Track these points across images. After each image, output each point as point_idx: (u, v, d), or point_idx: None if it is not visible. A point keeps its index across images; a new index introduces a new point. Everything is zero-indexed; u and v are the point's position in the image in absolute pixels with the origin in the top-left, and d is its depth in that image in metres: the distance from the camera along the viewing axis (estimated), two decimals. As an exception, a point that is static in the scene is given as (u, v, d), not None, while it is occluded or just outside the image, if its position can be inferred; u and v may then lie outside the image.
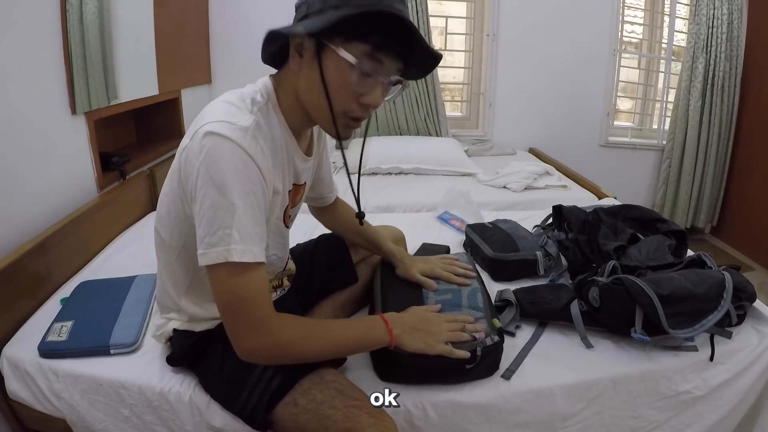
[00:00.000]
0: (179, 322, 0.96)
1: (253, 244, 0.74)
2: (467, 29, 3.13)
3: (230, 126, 0.74)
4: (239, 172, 0.73)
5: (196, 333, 0.95)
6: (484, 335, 0.96)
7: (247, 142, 0.74)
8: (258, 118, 0.79)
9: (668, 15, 3.09)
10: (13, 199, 1.31)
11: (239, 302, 0.74)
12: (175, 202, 0.83)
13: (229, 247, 0.72)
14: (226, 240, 0.72)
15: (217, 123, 0.74)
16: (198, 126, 0.75)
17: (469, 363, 0.93)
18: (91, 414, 1.02)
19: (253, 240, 0.75)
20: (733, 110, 3.04)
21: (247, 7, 2.79)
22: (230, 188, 0.72)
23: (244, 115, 0.77)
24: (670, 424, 1.08)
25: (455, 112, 3.34)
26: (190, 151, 0.75)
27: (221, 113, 0.76)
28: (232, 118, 0.75)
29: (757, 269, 2.84)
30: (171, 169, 0.84)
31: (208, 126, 0.73)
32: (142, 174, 1.95)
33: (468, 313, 1.02)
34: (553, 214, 1.55)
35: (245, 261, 0.73)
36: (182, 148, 0.79)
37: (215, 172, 0.72)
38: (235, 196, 0.73)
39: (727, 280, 1.08)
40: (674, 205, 3.24)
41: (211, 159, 0.72)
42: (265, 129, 0.80)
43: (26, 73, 1.35)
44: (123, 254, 1.55)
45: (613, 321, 1.10)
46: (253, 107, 0.80)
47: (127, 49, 1.84)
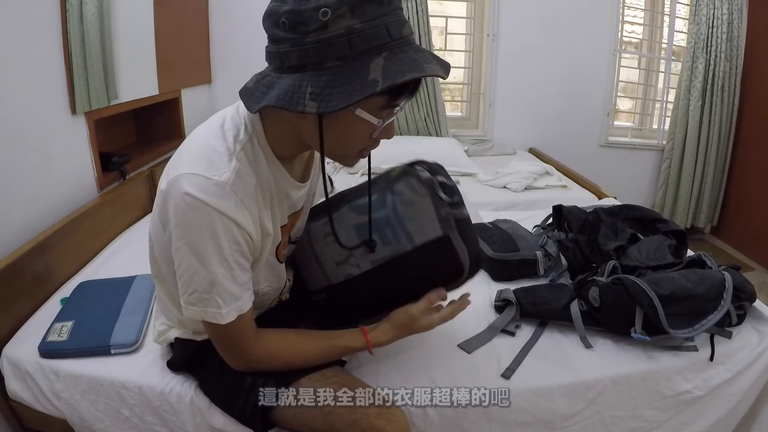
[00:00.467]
0: (180, 330, 0.96)
1: (236, 300, 0.76)
2: (467, 29, 3.13)
3: (206, 183, 0.69)
4: (218, 239, 0.71)
5: (197, 342, 0.95)
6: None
7: (225, 201, 0.70)
8: (240, 161, 0.73)
9: (668, 15, 3.09)
10: (14, 198, 1.31)
11: (224, 340, 0.82)
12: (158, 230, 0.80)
13: (209, 309, 0.75)
14: (203, 302, 0.75)
15: (194, 177, 0.70)
16: (175, 172, 0.72)
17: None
18: (91, 414, 1.02)
19: (236, 296, 0.76)
20: (733, 110, 3.04)
21: (247, 7, 2.78)
22: (208, 258, 0.71)
23: (223, 163, 0.72)
24: (670, 424, 1.08)
25: (455, 112, 3.34)
26: (167, 202, 0.72)
27: (199, 162, 0.71)
28: (210, 170, 0.71)
29: (757, 269, 2.84)
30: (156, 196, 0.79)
31: (184, 181, 0.70)
32: (142, 174, 1.94)
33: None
34: (553, 214, 1.55)
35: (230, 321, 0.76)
36: (159, 190, 0.75)
37: (191, 240, 0.71)
38: (214, 265, 0.72)
39: (727, 280, 1.08)
40: (674, 205, 3.24)
41: (188, 226, 0.70)
42: (248, 173, 0.75)
43: (26, 73, 1.35)
44: (123, 254, 1.55)
45: (613, 321, 1.10)
46: (236, 146, 0.74)
47: (127, 49, 1.84)
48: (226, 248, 0.72)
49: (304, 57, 0.64)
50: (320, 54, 0.63)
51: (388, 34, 0.64)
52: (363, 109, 0.67)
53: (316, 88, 0.63)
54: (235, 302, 0.76)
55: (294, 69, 0.66)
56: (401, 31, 0.65)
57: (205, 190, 0.69)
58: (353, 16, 0.62)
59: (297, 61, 0.65)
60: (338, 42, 0.62)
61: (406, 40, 0.66)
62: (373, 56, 0.63)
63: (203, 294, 0.74)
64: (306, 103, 0.63)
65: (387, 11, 0.64)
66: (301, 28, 0.63)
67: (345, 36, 0.62)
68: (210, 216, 0.70)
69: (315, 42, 0.63)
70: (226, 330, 0.78)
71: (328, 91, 0.63)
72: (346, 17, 0.62)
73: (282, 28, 0.65)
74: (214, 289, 0.73)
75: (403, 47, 0.66)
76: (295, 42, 0.64)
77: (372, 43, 0.63)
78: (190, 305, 0.76)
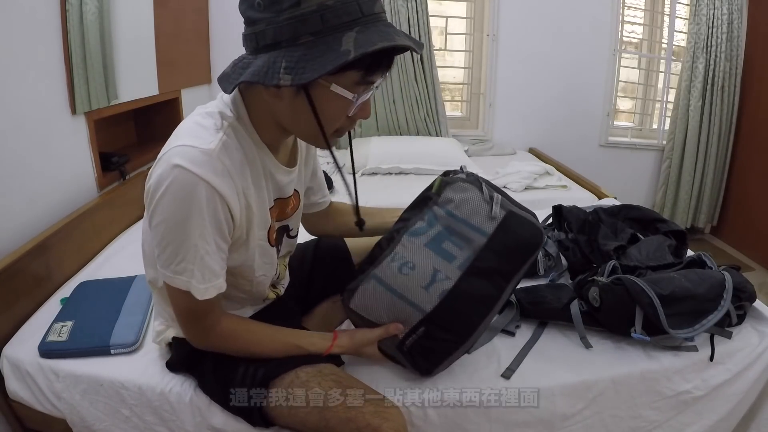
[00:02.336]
0: (178, 330, 0.96)
1: (216, 278, 0.77)
2: (467, 29, 3.13)
3: (193, 151, 0.71)
4: (202, 211, 0.71)
5: None
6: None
7: (210, 169, 0.71)
8: (227, 136, 0.75)
9: (668, 15, 3.09)
10: (14, 199, 1.31)
11: (191, 315, 0.82)
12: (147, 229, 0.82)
13: (190, 282, 0.75)
14: (188, 273, 0.75)
15: (181, 148, 0.71)
16: (165, 150, 0.73)
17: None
18: (91, 414, 1.02)
19: (216, 274, 0.77)
20: (733, 110, 3.04)
21: (247, 7, 2.79)
22: (191, 230, 0.72)
23: (209, 135, 0.74)
24: (670, 424, 1.08)
25: (455, 112, 3.34)
26: (153, 178, 0.73)
27: (187, 135, 0.74)
28: (197, 140, 0.72)
29: (757, 269, 2.84)
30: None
31: (172, 153, 0.71)
32: (142, 174, 1.94)
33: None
34: (553, 214, 1.55)
35: (206, 298, 0.77)
36: (150, 173, 0.76)
37: (175, 210, 0.71)
38: (196, 237, 0.73)
39: (727, 280, 1.08)
40: (674, 205, 3.24)
41: (173, 196, 0.70)
42: (235, 147, 0.77)
43: (26, 73, 1.35)
44: (123, 254, 1.55)
45: (613, 321, 1.10)
46: (223, 123, 0.76)
47: (127, 49, 1.84)
48: (207, 224, 0.73)
49: (279, 34, 0.66)
50: (294, 30, 0.65)
51: (360, 9, 0.66)
52: (338, 84, 0.69)
53: (291, 62, 0.65)
54: (215, 279, 0.77)
55: (269, 48, 0.68)
56: (372, 8, 0.67)
57: (190, 158, 0.70)
58: None
59: (272, 40, 0.67)
60: (311, 17, 0.64)
61: (377, 17, 0.68)
62: (345, 30, 0.65)
63: (184, 264, 0.74)
64: (280, 77, 0.65)
65: None
66: (275, 6, 0.65)
67: (317, 12, 0.64)
68: (196, 185, 0.70)
69: (288, 19, 0.65)
70: (197, 305, 0.78)
71: (302, 65, 0.65)
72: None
73: (257, 9, 0.67)
74: (195, 262, 0.74)
75: (375, 22, 0.68)
76: (270, 21, 0.66)
77: (343, 18, 0.65)
78: (176, 275, 0.75)
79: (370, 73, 0.70)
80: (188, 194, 0.70)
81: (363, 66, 0.68)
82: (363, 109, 0.76)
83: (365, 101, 0.75)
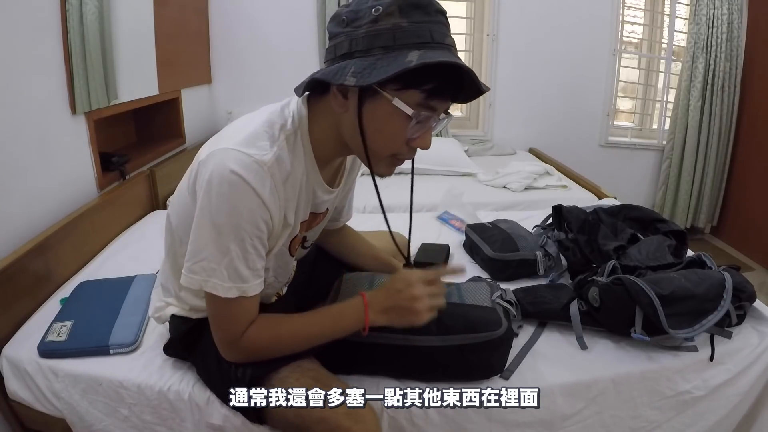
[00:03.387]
0: (177, 308, 0.97)
1: (242, 281, 0.77)
2: (467, 29, 3.13)
3: (247, 159, 0.73)
4: (241, 217, 0.73)
5: (192, 320, 0.96)
6: None
7: (260, 181, 0.73)
8: (281, 149, 0.77)
9: (668, 15, 3.09)
10: (13, 199, 1.31)
11: (220, 319, 0.82)
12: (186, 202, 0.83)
13: (211, 280, 0.76)
14: (208, 272, 0.76)
15: (235, 153, 0.73)
16: (220, 144, 0.76)
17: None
18: (90, 414, 1.02)
19: (243, 278, 0.77)
20: (733, 110, 3.04)
21: (247, 6, 2.79)
22: (226, 233, 0.74)
23: (265, 146, 0.76)
24: (671, 424, 1.08)
25: (455, 112, 3.34)
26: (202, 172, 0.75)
27: (242, 140, 0.75)
28: (252, 147, 0.74)
29: (757, 269, 2.84)
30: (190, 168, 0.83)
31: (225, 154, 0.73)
32: (142, 174, 1.94)
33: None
34: (553, 214, 1.55)
35: (229, 297, 0.77)
36: (197, 160, 0.78)
37: (217, 212, 0.73)
38: (230, 241, 0.74)
39: (727, 281, 1.08)
40: (674, 205, 3.24)
41: (217, 197, 0.73)
42: (286, 161, 0.78)
43: (26, 73, 1.35)
44: (123, 254, 1.55)
45: (613, 321, 1.10)
46: (280, 135, 0.78)
47: (127, 49, 1.84)
48: (246, 229, 0.74)
49: (354, 45, 0.72)
50: (368, 42, 0.71)
51: (431, 35, 0.70)
52: (400, 99, 0.72)
53: (359, 68, 0.70)
54: (240, 282, 0.77)
55: (343, 57, 0.73)
56: (443, 38, 0.72)
57: (245, 166, 0.72)
58: (401, 15, 0.70)
59: (347, 49, 0.72)
60: (384, 34, 0.70)
61: (446, 47, 0.72)
62: (412, 48, 0.69)
63: (211, 263, 0.75)
64: (347, 78, 0.70)
65: (432, 19, 0.71)
66: (356, 22, 0.72)
67: (391, 30, 0.70)
68: (241, 192, 0.72)
69: (365, 33, 0.71)
70: (226, 308, 0.79)
71: (369, 71, 0.69)
72: (395, 15, 0.70)
73: (341, 25, 0.74)
74: (223, 262, 0.75)
75: (442, 49, 0.71)
76: (349, 34, 0.72)
77: (414, 39, 0.70)
78: (193, 274, 0.77)
79: (431, 96, 0.73)
80: (232, 200, 0.73)
81: (426, 87, 0.72)
82: (423, 138, 0.78)
83: (427, 129, 0.77)
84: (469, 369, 0.98)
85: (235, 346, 0.83)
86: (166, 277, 0.99)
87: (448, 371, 0.97)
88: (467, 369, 0.98)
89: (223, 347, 0.84)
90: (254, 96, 2.86)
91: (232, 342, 0.83)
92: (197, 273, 0.77)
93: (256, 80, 2.89)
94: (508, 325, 0.98)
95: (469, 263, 1.49)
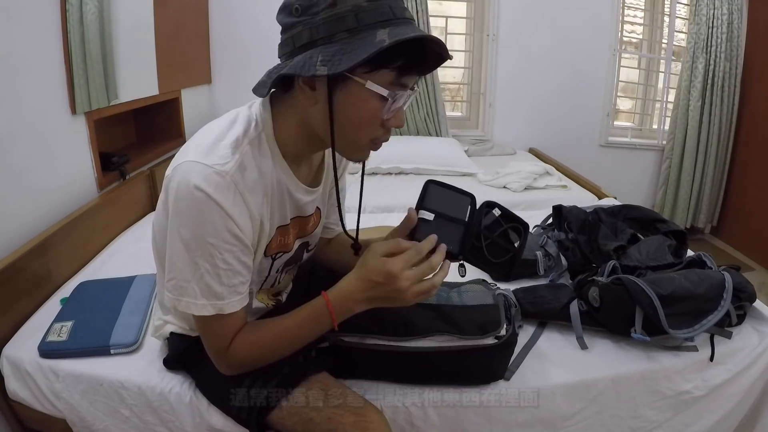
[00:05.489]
0: (175, 326, 0.96)
1: (216, 298, 0.75)
2: (467, 29, 3.13)
3: (207, 171, 0.70)
4: (206, 232, 0.71)
5: (191, 337, 0.95)
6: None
7: (223, 192, 0.70)
8: (244, 154, 0.74)
9: (668, 15, 3.09)
10: (13, 199, 1.31)
11: (205, 335, 0.81)
12: (161, 220, 0.81)
13: (183, 299, 0.75)
14: (179, 290, 0.74)
15: (196, 165, 0.70)
16: (181, 159, 0.73)
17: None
18: (91, 414, 1.02)
19: (217, 295, 0.75)
20: (733, 110, 3.04)
21: (247, 6, 2.78)
22: (193, 248, 0.72)
23: (227, 154, 0.72)
24: (671, 424, 1.08)
25: (455, 112, 3.34)
26: (168, 188, 0.73)
27: (203, 151, 0.72)
28: (214, 157, 0.71)
29: (757, 269, 2.84)
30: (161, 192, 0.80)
31: (186, 167, 0.70)
32: (142, 174, 1.94)
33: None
34: (553, 214, 1.55)
35: (204, 315, 0.75)
36: (166, 175, 0.76)
37: (181, 227, 0.71)
38: (198, 257, 0.72)
39: (726, 281, 1.08)
40: (674, 205, 3.24)
41: (182, 212, 0.71)
42: (251, 166, 0.75)
43: (26, 73, 1.35)
44: (123, 254, 1.55)
45: (613, 321, 1.10)
46: (244, 140, 0.75)
47: (127, 49, 1.84)
48: (213, 244, 0.72)
49: (315, 33, 0.69)
50: (330, 28, 0.68)
51: (392, 12, 0.69)
52: (373, 81, 0.70)
53: (327, 56, 0.67)
54: (214, 299, 0.75)
55: (305, 47, 0.70)
56: (403, 12, 0.71)
57: (205, 178, 0.70)
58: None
59: (308, 39, 0.69)
60: (346, 16, 0.67)
61: (408, 21, 0.71)
62: (378, 27, 0.68)
63: (181, 282, 0.74)
64: (317, 68, 0.67)
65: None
66: (312, 9, 0.68)
67: (352, 11, 0.67)
68: (203, 206, 0.70)
69: (324, 19, 0.68)
70: (206, 325, 0.78)
71: (338, 57, 0.66)
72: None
73: (295, 14, 0.70)
74: (193, 279, 0.73)
75: (406, 24, 0.70)
76: (306, 23, 0.69)
77: (377, 17, 0.68)
78: (168, 292, 0.76)
79: (404, 72, 0.71)
80: (196, 214, 0.70)
81: (397, 65, 0.70)
82: (397, 116, 0.76)
83: (399, 107, 0.75)
84: (470, 374, 0.98)
85: (223, 359, 0.82)
86: (162, 295, 0.96)
87: (450, 376, 0.97)
88: (468, 374, 0.98)
89: (214, 361, 0.83)
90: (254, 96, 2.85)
91: (219, 356, 0.82)
92: (170, 291, 0.75)
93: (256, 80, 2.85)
94: (512, 330, 0.98)
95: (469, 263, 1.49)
